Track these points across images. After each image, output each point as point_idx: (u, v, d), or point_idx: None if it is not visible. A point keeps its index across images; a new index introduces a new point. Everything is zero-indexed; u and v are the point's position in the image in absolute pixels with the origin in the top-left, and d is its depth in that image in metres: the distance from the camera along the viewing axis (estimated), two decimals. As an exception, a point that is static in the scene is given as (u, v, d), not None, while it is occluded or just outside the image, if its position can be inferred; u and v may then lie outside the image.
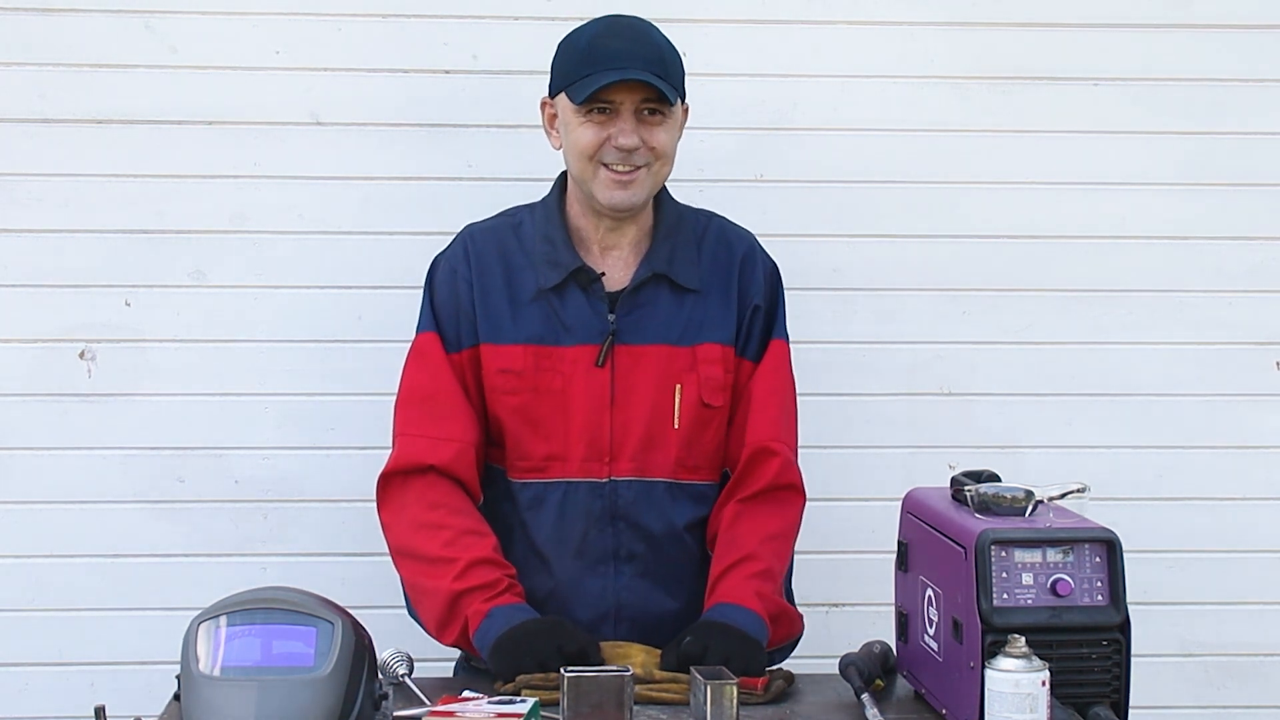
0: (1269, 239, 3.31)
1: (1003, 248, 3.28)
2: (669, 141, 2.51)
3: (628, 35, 2.48)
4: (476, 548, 2.45)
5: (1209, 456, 3.32)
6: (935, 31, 3.25)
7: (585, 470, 2.52)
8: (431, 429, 2.52)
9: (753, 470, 2.54)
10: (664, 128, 2.49)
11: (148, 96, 3.14)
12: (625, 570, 2.54)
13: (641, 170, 2.49)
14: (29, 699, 3.18)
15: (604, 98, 2.45)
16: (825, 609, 3.22)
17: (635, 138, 2.46)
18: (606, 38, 2.47)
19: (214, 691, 1.99)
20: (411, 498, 2.51)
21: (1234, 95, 3.28)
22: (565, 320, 2.53)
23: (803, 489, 2.58)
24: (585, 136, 2.47)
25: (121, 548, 3.18)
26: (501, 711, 2.11)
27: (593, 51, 2.46)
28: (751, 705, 2.28)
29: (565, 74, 2.50)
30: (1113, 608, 2.12)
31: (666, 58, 2.48)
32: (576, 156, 2.50)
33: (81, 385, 3.16)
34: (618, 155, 2.47)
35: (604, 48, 2.45)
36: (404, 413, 2.56)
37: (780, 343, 2.61)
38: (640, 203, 2.52)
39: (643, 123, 2.47)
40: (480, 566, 2.44)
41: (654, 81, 2.43)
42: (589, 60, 2.45)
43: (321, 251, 3.19)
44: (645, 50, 2.46)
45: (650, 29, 2.52)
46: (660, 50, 2.48)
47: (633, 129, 2.46)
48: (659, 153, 2.49)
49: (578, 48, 2.49)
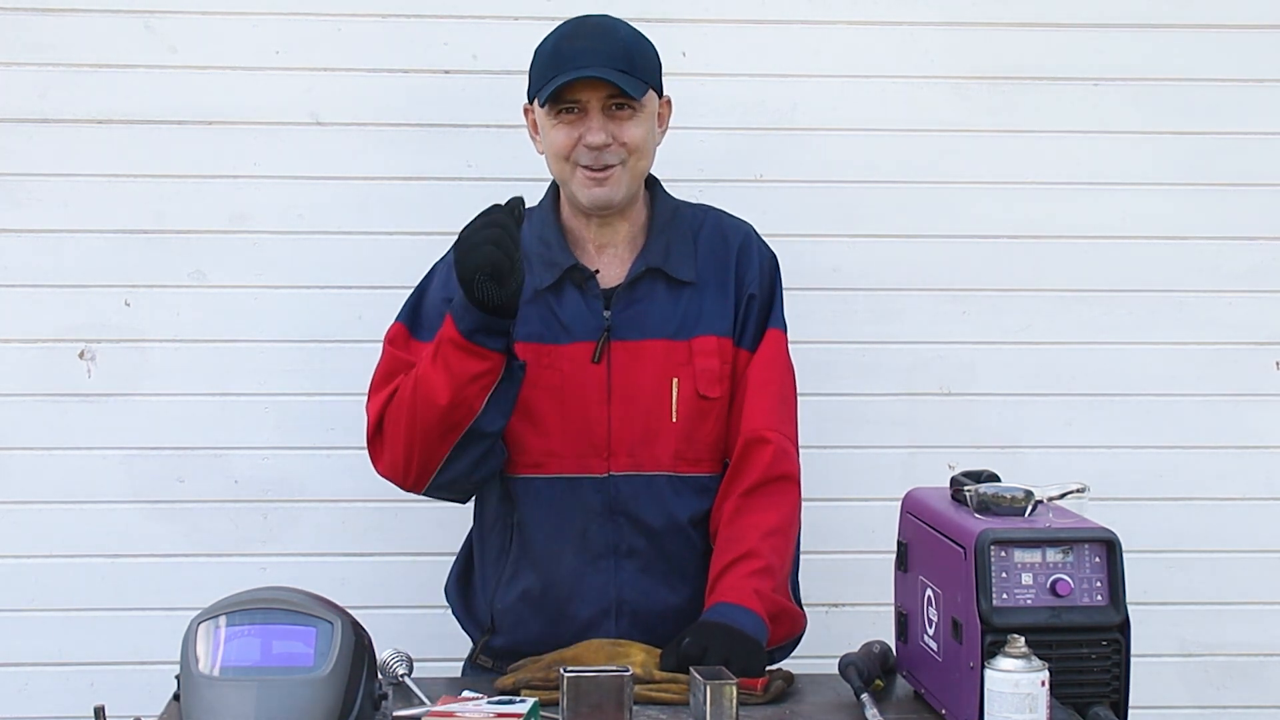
0: (1269, 239, 3.30)
1: (1003, 248, 3.28)
2: (641, 135, 2.51)
3: (591, 34, 2.50)
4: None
5: (1209, 456, 3.32)
6: (935, 31, 3.24)
7: (583, 465, 2.53)
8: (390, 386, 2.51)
9: (747, 461, 2.54)
10: (634, 122, 2.50)
11: (148, 96, 3.14)
12: (626, 565, 2.54)
13: (616, 168, 2.50)
14: (29, 699, 3.18)
15: (569, 97, 2.48)
16: (825, 609, 3.22)
17: (603, 134, 2.47)
18: (569, 39, 2.50)
19: (214, 691, 1.99)
20: (386, 424, 2.49)
21: (1234, 95, 3.28)
22: (562, 319, 2.54)
23: (797, 478, 2.57)
24: (558, 138, 2.50)
25: (121, 548, 3.18)
26: (501, 711, 2.11)
27: (557, 54, 2.48)
28: (751, 705, 2.28)
29: (534, 79, 2.53)
30: (1112, 608, 2.12)
31: (632, 52, 2.49)
32: (553, 158, 2.53)
33: (81, 385, 3.16)
34: (590, 154, 2.49)
35: (567, 49, 2.48)
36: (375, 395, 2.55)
37: (776, 332, 2.61)
38: (620, 198, 2.53)
39: (611, 119, 2.49)
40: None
41: (611, 77, 2.44)
42: (553, 63, 2.48)
43: (321, 251, 3.19)
44: (607, 46, 2.48)
45: (616, 26, 2.53)
46: (624, 45, 2.49)
47: (600, 126, 2.47)
48: (631, 147, 2.50)
49: (545, 52, 2.52)
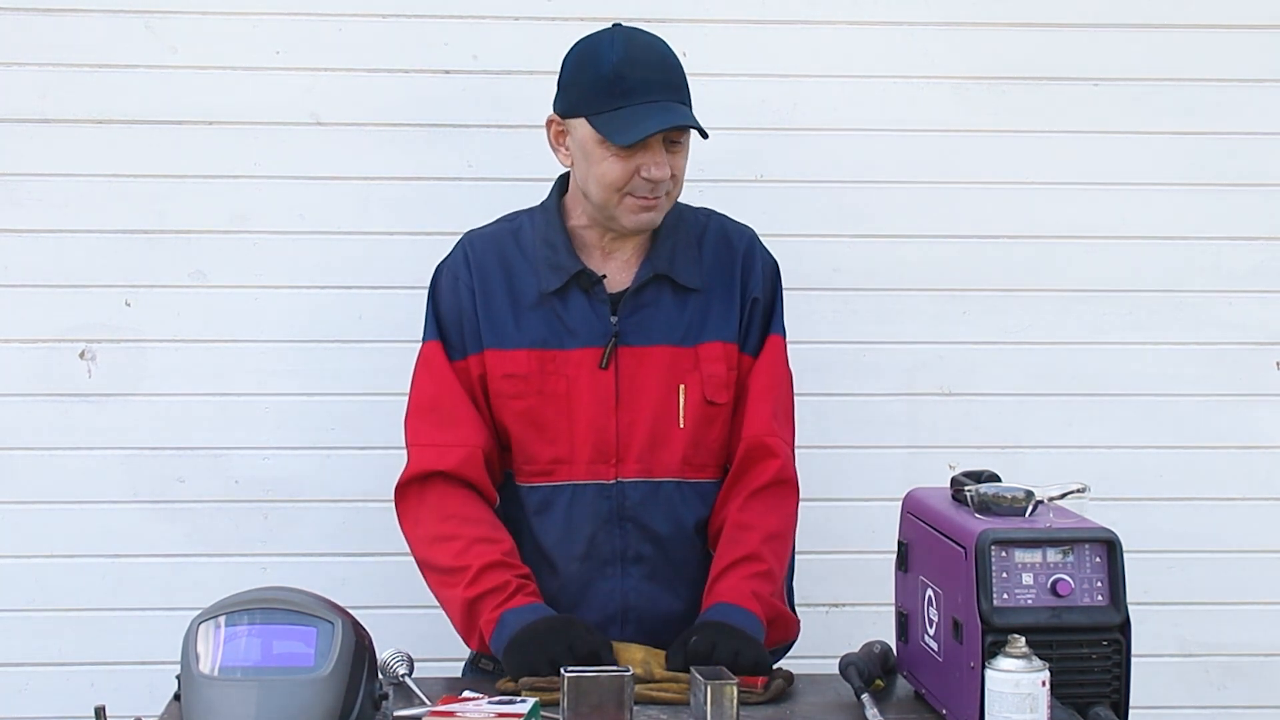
0: (1269, 239, 3.30)
1: (1003, 248, 3.28)
2: (685, 164, 2.51)
3: (651, 61, 2.44)
4: (487, 554, 2.45)
5: (1209, 456, 3.32)
6: (935, 31, 3.24)
7: (592, 472, 2.52)
8: (439, 436, 2.52)
9: (752, 465, 2.54)
10: (684, 154, 2.49)
11: (148, 96, 3.14)
12: (633, 572, 2.54)
13: (663, 196, 2.48)
14: (29, 699, 3.18)
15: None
16: (825, 609, 3.22)
17: (667, 169, 2.44)
18: (630, 65, 2.41)
19: (214, 691, 1.99)
20: (426, 510, 2.52)
21: (1234, 95, 3.28)
22: (568, 324, 2.53)
23: (797, 485, 2.58)
24: (614, 170, 2.44)
25: (121, 548, 3.18)
26: (501, 711, 2.11)
27: (619, 82, 2.40)
28: (751, 705, 2.28)
29: (589, 102, 2.44)
30: (1113, 608, 2.12)
31: (685, 81, 2.47)
32: (602, 188, 2.46)
33: (82, 385, 3.16)
34: (646, 186, 2.45)
35: (630, 78, 2.40)
36: (413, 423, 2.57)
37: (778, 338, 2.61)
38: (660, 221, 2.52)
39: (669, 150, 2.45)
40: (490, 571, 2.44)
41: (693, 124, 2.42)
42: (617, 92, 2.40)
43: (321, 251, 3.18)
44: (672, 78, 2.44)
45: (666, 50, 2.48)
46: (681, 74, 2.46)
47: (664, 159, 2.44)
48: (678, 179, 2.50)
49: (601, 75, 2.42)
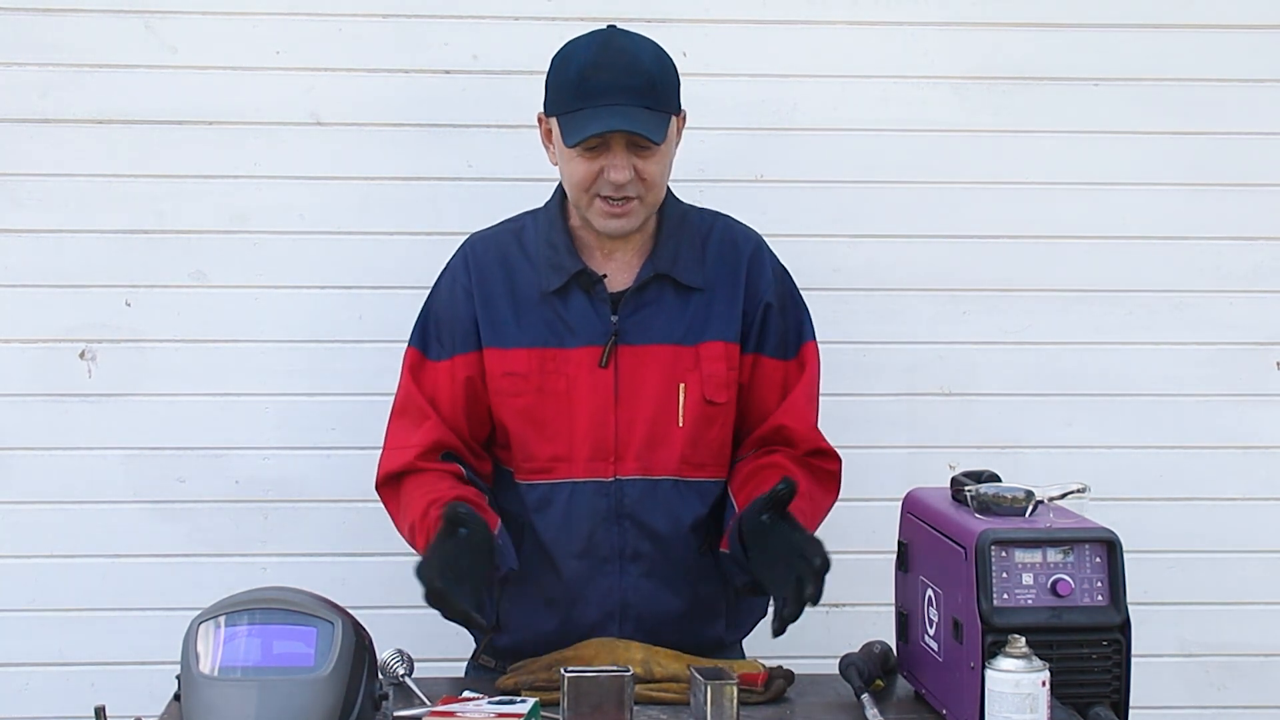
0: (1269, 239, 3.30)
1: (1003, 248, 3.27)
2: (660, 170, 2.47)
3: (618, 65, 2.42)
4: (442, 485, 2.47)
5: (1209, 456, 3.32)
6: (935, 31, 3.24)
7: (591, 470, 2.52)
8: (404, 439, 2.55)
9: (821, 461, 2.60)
10: (655, 159, 2.45)
11: (148, 96, 3.14)
12: (631, 569, 2.54)
13: (634, 201, 2.47)
14: (29, 699, 3.18)
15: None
16: (825, 609, 3.19)
17: (627, 172, 2.43)
18: (595, 69, 2.42)
19: (214, 691, 2.00)
20: (404, 500, 2.52)
21: (1234, 95, 3.28)
22: (569, 323, 2.53)
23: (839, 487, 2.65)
24: (578, 171, 2.45)
25: (121, 548, 3.18)
26: (501, 711, 2.11)
27: (583, 84, 2.41)
28: (751, 705, 2.28)
29: (557, 102, 2.46)
30: (1113, 608, 2.12)
31: (657, 83, 2.44)
32: (571, 188, 2.49)
33: (81, 385, 3.16)
34: (611, 188, 2.44)
35: (593, 81, 2.41)
36: (389, 426, 2.60)
37: (814, 345, 2.63)
38: (636, 228, 2.51)
39: (634, 153, 2.44)
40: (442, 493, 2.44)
41: (639, 127, 2.39)
42: (579, 94, 2.42)
43: (321, 251, 3.18)
44: (635, 81, 2.41)
45: (640, 51, 2.46)
46: (650, 77, 2.43)
47: (625, 163, 2.43)
48: (650, 183, 2.46)
49: (568, 76, 2.44)
